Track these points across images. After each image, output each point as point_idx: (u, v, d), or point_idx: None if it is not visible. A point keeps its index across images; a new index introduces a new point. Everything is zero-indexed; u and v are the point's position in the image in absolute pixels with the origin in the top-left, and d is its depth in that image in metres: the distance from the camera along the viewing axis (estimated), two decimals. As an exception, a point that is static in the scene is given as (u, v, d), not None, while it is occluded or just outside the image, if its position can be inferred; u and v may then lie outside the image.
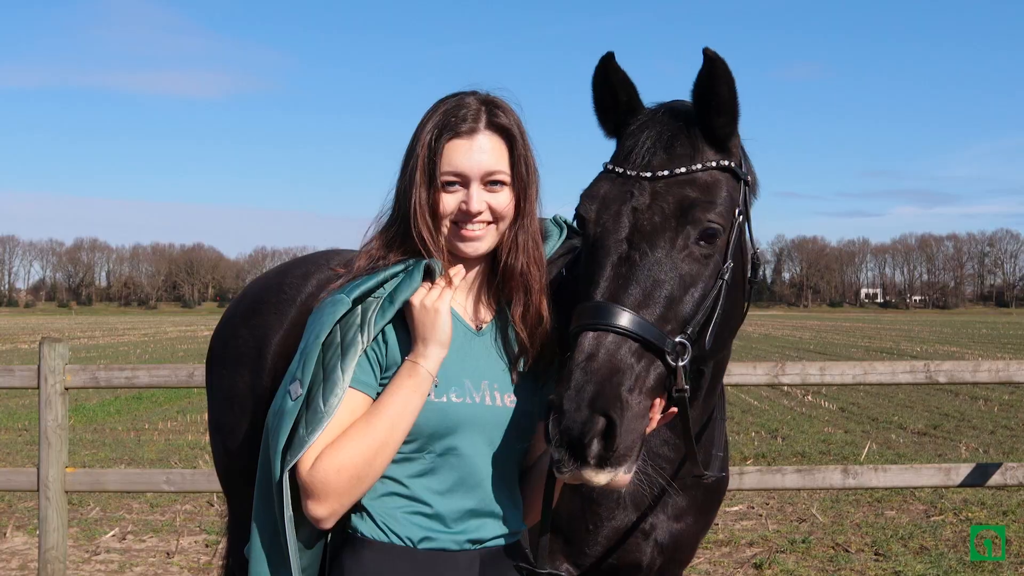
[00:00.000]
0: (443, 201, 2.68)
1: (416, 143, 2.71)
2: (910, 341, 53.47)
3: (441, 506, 2.63)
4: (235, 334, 4.54)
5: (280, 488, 2.57)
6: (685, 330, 2.74)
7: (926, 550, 9.92)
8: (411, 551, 2.61)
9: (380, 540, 2.61)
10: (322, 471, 2.51)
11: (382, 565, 2.60)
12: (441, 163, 2.67)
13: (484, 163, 2.70)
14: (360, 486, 2.55)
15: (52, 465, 8.24)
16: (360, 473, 2.53)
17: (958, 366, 8.27)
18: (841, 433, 18.14)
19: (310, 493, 2.53)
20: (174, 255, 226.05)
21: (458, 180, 2.69)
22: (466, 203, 2.68)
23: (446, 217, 2.70)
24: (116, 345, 51.90)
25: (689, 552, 3.62)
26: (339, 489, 2.52)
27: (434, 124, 2.70)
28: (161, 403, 23.60)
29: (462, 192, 2.69)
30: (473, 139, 2.69)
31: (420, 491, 2.63)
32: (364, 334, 2.60)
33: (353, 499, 2.57)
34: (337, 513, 2.57)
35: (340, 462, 2.52)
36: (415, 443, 2.62)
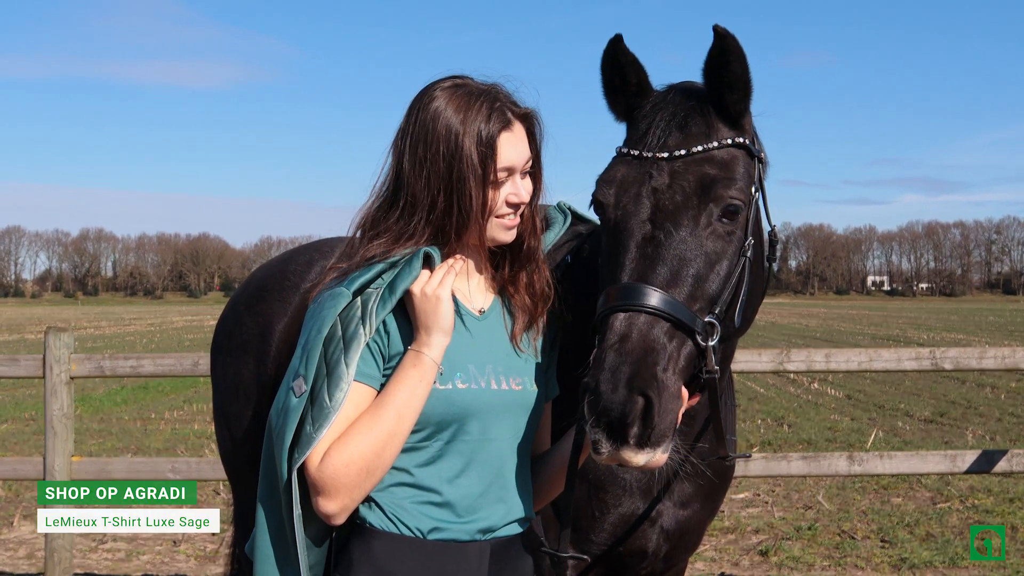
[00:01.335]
0: (495, 196, 2.66)
1: (453, 141, 2.61)
2: (917, 329, 53.39)
3: (451, 494, 2.61)
4: (239, 322, 4.54)
5: (289, 487, 2.55)
6: (713, 309, 2.74)
7: (932, 537, 9.92)
8: (421, 542, 2.59)
9: (390, 531, 2.59)
10: (331, 467, 2.49)
11: (392, 556, 2.58)
12: (498, 160, 2.64)
13: (525, 152, 2.70)
14: (370, 479, 2.53)
15: (58, 454, 8.25)
16: (370, 466, 2.51)
17: (964, 353, 8.25)
18: (847, 421, 18.12)
19: (320, 490, 2.51)
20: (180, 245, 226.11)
21: (507, 174, 2.67)
22: (515, 195, 2.68)
23: (493, 212, 2.67)
24: (122, 335, 51.95)
25: (696, 539, 3.61)
26: (349, 484, 2.50)
27: (477, 123, 2.63)
28: (167, 392, 23.61)
29: (509, 184, 2.68)
30: (514, 131, 2.68)
31: (429, 480, 2.61)
32: (366, 326, 2.58)
33: (364, 493, 2.55)
34: (348, 508, 2.55)
35: (349, 456, 2.50)
36: (423, 432, 2.60)
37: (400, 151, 2.69)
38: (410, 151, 2.67)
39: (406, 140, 2.68)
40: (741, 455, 3.35)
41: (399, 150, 2.70)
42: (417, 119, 2.67)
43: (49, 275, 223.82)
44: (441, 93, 2.68)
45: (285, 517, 2.58)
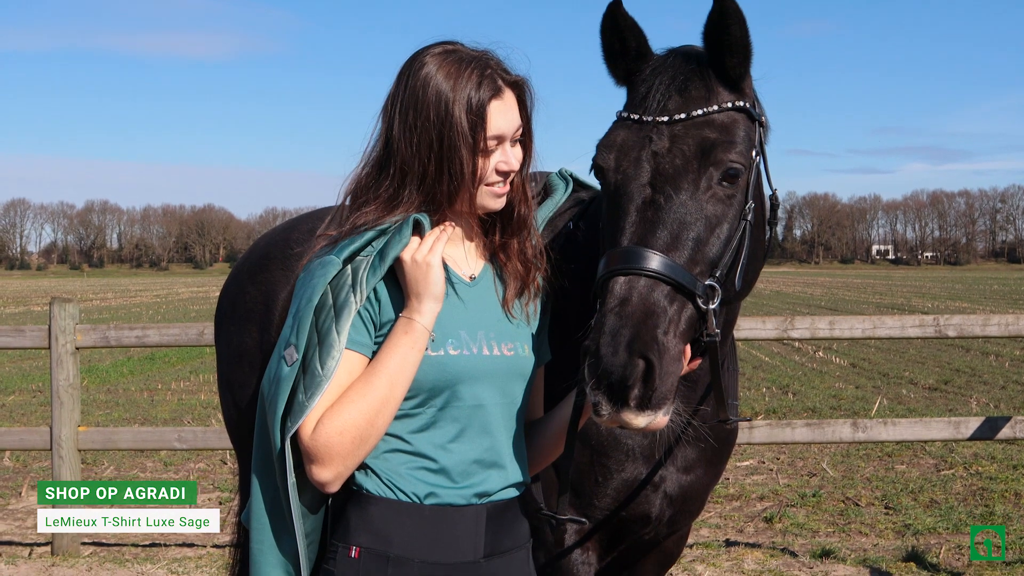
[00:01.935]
0: (485, 164, 2.65)
1: (444, 108, 2.60)
2: (921, 297, 53.36)
3: (446, 460, 2.62)
4: (242, 291, 4.54)
5: (282, 456, 2.56)
6: (714, 272, 2.74)
7: (936, 504, 9.94)
8: (417, 507, 2.60)
9: (386, 497, 2.60)
10: (324, 435, 2.50)
11: (389, 521, 2.59)
12: (488, 128, 2.63)
13: (515, 121, 2.68)
14: (364, 447, 2.54)
15: (65, 424, 8.29)
16: (363, 434, 2.52)
17: (967, 320, 8.25)
18: (852, 389, 18.14)
19: (314, 458, 2.52)
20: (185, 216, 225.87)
21: (497, 142, 2.66)
22: (505, 162, 2.67)
23: (483, 179, 2.67)
24: (128, 306, 52.01)
25: (699, 504, 3.63)
26: (343, 452, 2.51)
27: (467, 91, 2.61)
28: (174, 363, 23.67)
29: (499, 151, 2.67)
30: (503, 99, 2.67)
31: (424, 446, 2.62)
32: (356, 294, 2.57)
33: (358, 460, 2.56)
34: (342, 476, 2.56)
35: (342, 424, 2.50)
36: (416, 399, 2.61)
37: (390, 117, 2.68)
38: (400, 118, 2.66)
39: (396, 106, 2.67)
40: (742, 419, 3.36)
41: (389, 116, 2.68)
42: (407, 85, 2.65)
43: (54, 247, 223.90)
44: (431, 59, 2.65)
45: (280, 486, 2.59)
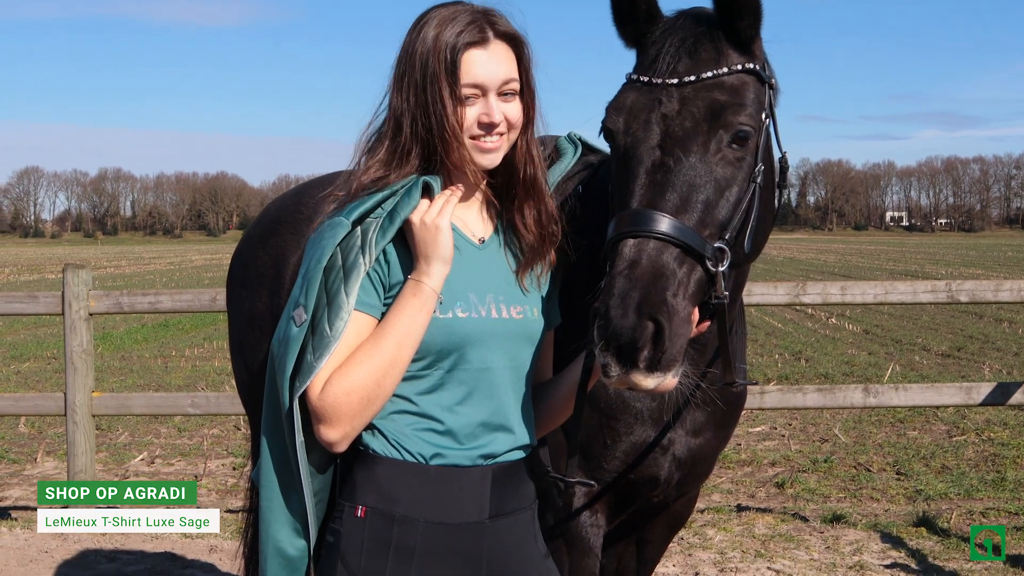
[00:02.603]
0: (464, 115, 2.64)
1: (426, 55, 2.63)
2: (935, 264, 53.21)
3: (452, 422, 2.63)
4: (253, 255, 4.56)
5: (291, 415, 2.57)
6: (723, 235, 2.74)
7: (948, 469, 9.96)
8: (423, 467, 2.61)
9: (392, 457, 2.62)
10: (332, 395, 2.52)
11: (395, 481, 2.61)
12: (461, 75, 2.62)
13: (500, 73, 2.66)
14: (371, 407, 2.56)
15: (79, 390, 8.34)
16: (370, 395, 2.53)
17: (979, 285, 8.23)
18: (865, 355, 18.13)
19: (321, 418, 2.54)
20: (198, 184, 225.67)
21: (477, 92, 2.65)
22: (487, 115, 2.65)
23: (467, 132, 2.66)
24: (142, 274, 52.18)
25: (707, 467, 3.63)
26: (350, 412, 2.53)
27: (447, 36, 2.63)
28: (187, 330, 23.76)
29: (479, 104, 2.66)
30: (488, 48, 2.65)
31: (430, 408, 2.63)
32: (366, 255, 2.58)
33: (365, 421, 2.57)
34: (349, 436, 2.58)
35: (350, 385, 2.52)
36: (423, 360, 2.62)
37: (392, 77, 2.71)
38: (396, 71, 2.69)
39: (396, 64, 2.70)
40: (750, 382, 3.36)
41: (391, 76, 2.72)
42: (407, 41, 2.68)
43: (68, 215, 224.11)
44: (433, 14, 2.68)
45: (288, 445, 2.61)
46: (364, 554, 2.59)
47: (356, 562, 2.59)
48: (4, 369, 17.76)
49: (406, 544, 2.60)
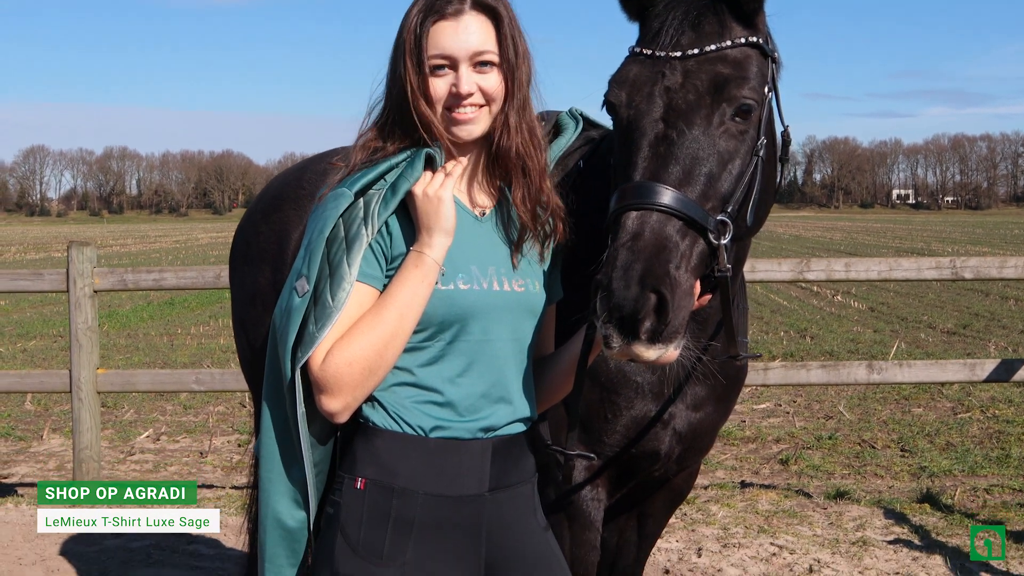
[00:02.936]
0: (433, 85, 2.65)
1: (401, 30, 2.67)
2: (941, 242, 53.12)
3: (452, 393, 2.64)
4: (256, 231, 4.56)
5: (292, 386, 2.58)
6: (725, 208, 2.74)
7: (952, 446, 9.97)
8: (423, 440, 2.62)
9: (392, 429, 2.62)
10: (333, 365, 2.53)
11: (394, 454, 2.61)
12: (428, 46, 2.63)
13: (471, 43, 2.65)
14: (372, 378, 2.57)
15: (84, 367, 8.36)
16: (372, 365, 2.54)
17: (984, 262, 8.22)
18: (870, 332, 18.13)
19: (323, 388, 2.55)
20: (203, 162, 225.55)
21: (447, 63, 2.65)
22: (456, 85, 2.65)
23: (439, 102, 2.66)
24: (148, 252, 52.25)
25: (708, 441, 3.64)
26: (352, 382, 2.54)
27: (419, 8, 2.65)
28: (193, 308, 23.81)
29: (451, 75, 2.66)
30: (459, 20, 2.65)
31: (431, 380, 2.64)
32: (368, 227, 2.59)
33: (366, 392, 2.58)
34: (351, 407, 2.59)
35: (351, 355, 2.53)
36: (425, 332, 2.62)
37: None
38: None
39: None
40: (751, 355, 3.37)
41: None
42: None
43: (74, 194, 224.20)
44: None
45: (289, 416, 2.62)
46: (363, 526, 2.60)
47: (355, 534, 2.60)
48: (10, 347, 17.80)
49: (405, 516, 2.60)
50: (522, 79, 2.72)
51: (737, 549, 6.97)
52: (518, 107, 2.72)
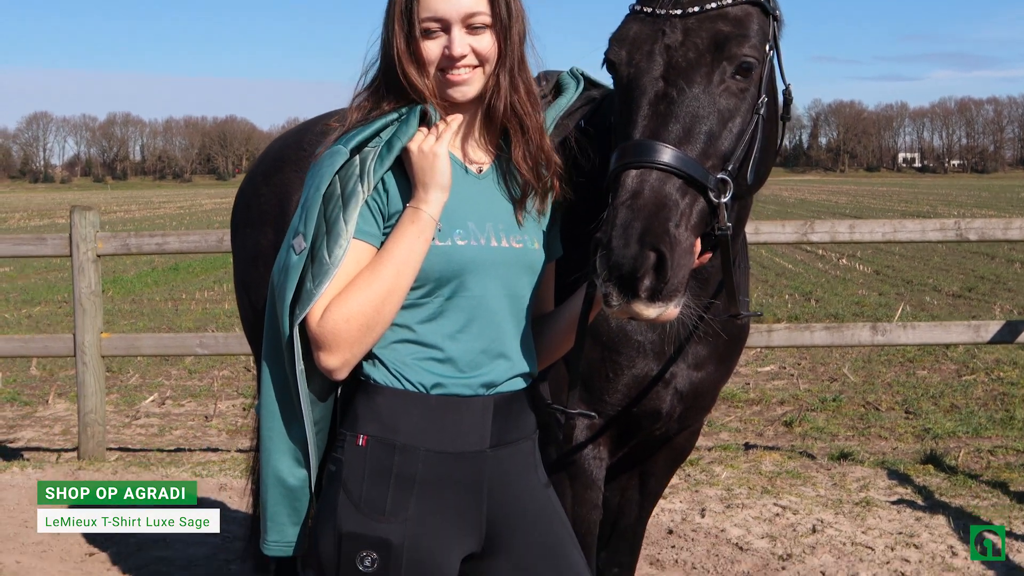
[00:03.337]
0: (426, 48, 2.64)
1: None
2: (947, 205, 52.99)
3: (453, 350, 2.64)
4: (257, 193, 4.55)
5: (291, 343, 2.59)
6: (726, 166, 2.73)
7: (957, 408, 9.98)
8: (424, 397, 2.63)
9: (393, 387, 2.63)
10: (331, 322, 2.53)
11: (396, 411, 2.62)
12: (419, 9, 2.62)
13: (463, 5, 2.64)
14: (370, 335, 2.57)
15: (87, 331, 8.37)
16: (369, 322, 2.55)
17: (989, 224, 8.20)
18: (875, 296, 18.12)
19: (321, 345, 2.56)
20: (207, 128, 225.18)
21: (439, 25, 2.64)
22: (449, 48, 2.64)
23: (431, 65, 2.66)
24: (152, 218, 52.26)
25: (709, 400, 3.64)
26: (349, 339, 2.55)
27: None
28: (197, 273, 23.84)
29: (444, 37, 2.64)
30: None
31: (431, 336, 2.64)
32: (364, 183, 2.59)
33: (364, 348, 2.59)
34: (349, 363, 2.59)
35: (348, 312, 2.53)
36: (423, 288, 2.63)
37: None
38: None
39: None
40: (752, 314, 3.36)
41: None
42: None
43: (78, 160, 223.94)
44: None
45: (288, 374, 2.63)
46: (365, 482, 2.61)
47: (357, 490, 2.60)
48: (15, 313, 17.84)
49: (407, 472, 2.61)
50: (515, 39, 2.71)
51: (740, 510, 6.99)
52: (512, 66, 2.72)
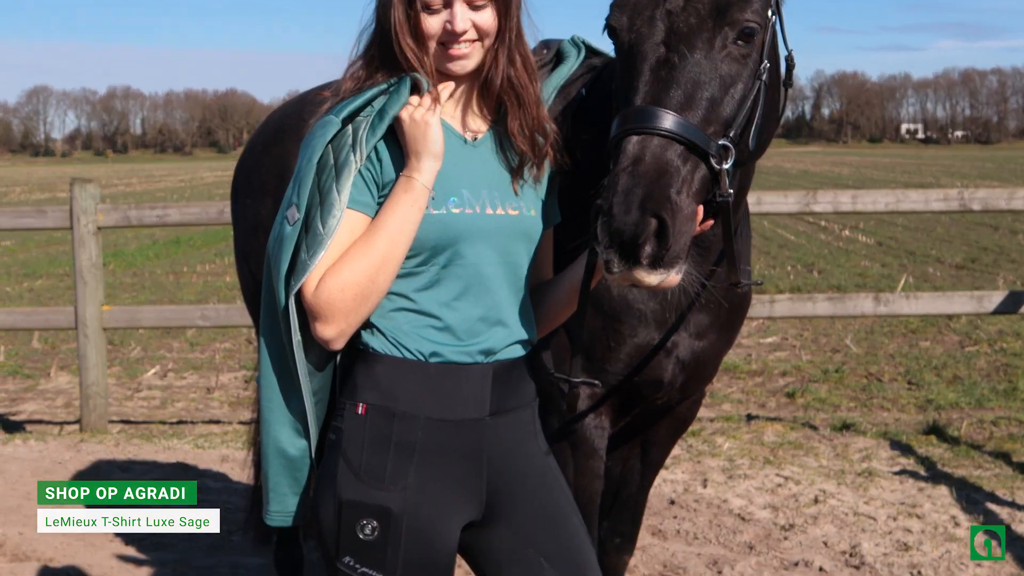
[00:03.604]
0: (426, 22, 2.62)
1: None
2: (950, 176, 52.80)
3: (450, 318, 2.64)
4: (257, 163, 4.54)
5: (287, 313, 2.59)
6: (727, 132, 2.71)
7: (959, 379, 9.97)
8: (423, 364, 2.63)
9: (392, 355, 2.63)
10: (326, 292, 2.53)
11: (395, 379, 2.62)
12: None
13: None
14: (366, 304, 2.57)
15: (89, 303, 8.37)
16: (364, 291, 2.55)
17: (993, 194, 8.17)
18: (878, 267, 18.10)
19: (317, 315, 2.55)
20: (207, 101, 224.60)
21: (440, 1, 2.62)
22: (450, 23, 2.62)
23: (431, 39, 2.64)
24: (153, 192, 52.17)
25: (711, 369, 3.62)
26: (345, 309, 2.54)
27: None
28: (199, 246, 23.83)
29: (445, 12, 2.62)
30: None
31: (428, 304, 2.63)
32: (357, 153, 2.58)
33: (360, 318, 2.58)
34: (345, 333, 2.59)
35: (344, 281, 2.53)
36: (418, 257, 2.62)
37: None
38: None
39: None
40: (754, 282, 3.34)
41: None
42: None
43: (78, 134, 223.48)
44: None
45: (286, 344, 2.63)
46: (365, 450, 2.61)
47: (357, 458, 2.60)
48: (17, 287, 17.85)
49: (407, 440, 2.61)
50: (513, 11, 2.70)
51: (743, 480, 6.99)
52: (510, 40, 2.71)
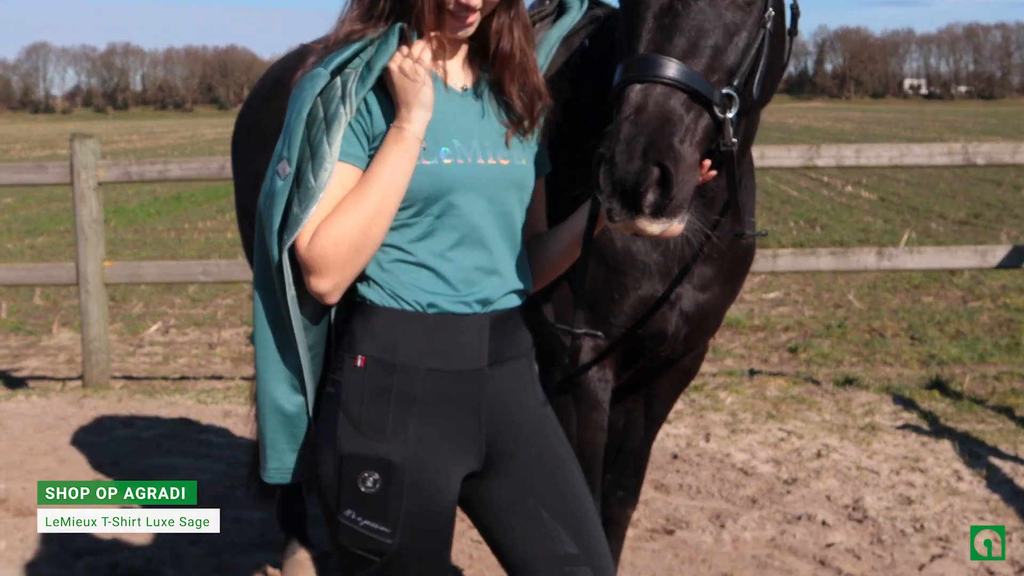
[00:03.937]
0: None
1: None
2: (953, 131, 52.63)
3: (445, 268, 2.63)
4: (257, 117, 4.51)
5: (280, 269, 2.58)
6: (731, 81, 2.68)
7: (962, 334, 9.96)
8: (421, 315, 2.62)
9: (390, 307, 2.62)
10: (320, 245, 2.52)
11: (393, 330, 2.61)
12: None
13: None
14: (359, 257, 2.56)
15: (90, 259, 8.35)
16: (357, 244, 2.53)
17: (997, 148, 8.12)
18: (880, 223, 18.06)
19: (311, 269, 2.54)
20: (208, 57, 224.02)
21: None
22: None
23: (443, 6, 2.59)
24: (154, 148, 52.02)
25: (715, 322, 3.61)
26: (338, 262, 2.53)
27: None
28: (200, 203, 23.79)
29: None
30: None
31: (423, 255, 2.62)
32: (346, 105, 2.56)
33: (355, 270, 2.58)
34: (340, 287, 2.58)
35: (336, 235, 2.52)
36: (411, 208, 2.61)
37: None
38: None
39: None
40: (758, 233, 3.32)
41: None
42: None
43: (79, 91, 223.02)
44: None
45: (280, 299, 2.62)
46: (365, 402, 2.60)
47: (357, 411, 2.59)
48: (18, 244, 17.84)
49: (407, 392, 2.60)
50: None
51: (745, 434, 7.00)
52: (519, 9, 2.70)
